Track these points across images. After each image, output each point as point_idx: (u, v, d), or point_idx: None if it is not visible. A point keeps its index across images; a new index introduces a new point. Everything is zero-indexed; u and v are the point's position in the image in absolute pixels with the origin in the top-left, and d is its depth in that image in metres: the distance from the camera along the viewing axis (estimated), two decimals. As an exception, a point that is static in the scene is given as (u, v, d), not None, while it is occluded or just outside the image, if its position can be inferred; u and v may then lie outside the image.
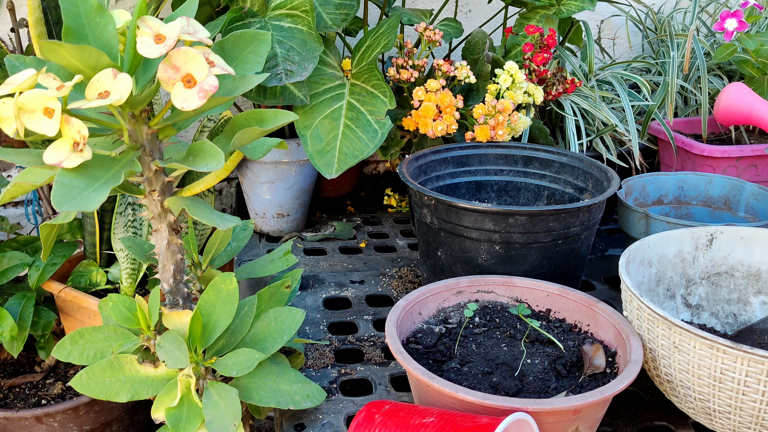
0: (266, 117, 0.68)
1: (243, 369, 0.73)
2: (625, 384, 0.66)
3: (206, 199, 1.19)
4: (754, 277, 0.89)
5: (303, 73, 1.08)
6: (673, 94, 1.37)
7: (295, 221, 1.32)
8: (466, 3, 1.62)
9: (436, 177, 1.10)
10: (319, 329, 0.99)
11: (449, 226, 0.92)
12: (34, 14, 0.92)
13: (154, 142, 0.67)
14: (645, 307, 0.72)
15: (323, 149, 1.12)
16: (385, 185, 1.56)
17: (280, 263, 0.94)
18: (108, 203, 1.09)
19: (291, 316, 0.79)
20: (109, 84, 0.57)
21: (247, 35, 0.69)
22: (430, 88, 1.14)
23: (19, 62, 0.65)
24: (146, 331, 0.78)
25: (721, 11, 1.44)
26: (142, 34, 0.57)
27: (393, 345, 0.71)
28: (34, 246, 1.16)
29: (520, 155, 1.13)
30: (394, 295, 1.10)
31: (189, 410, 0.73)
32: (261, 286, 0.89)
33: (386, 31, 1.17)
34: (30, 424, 1.09)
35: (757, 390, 0.64)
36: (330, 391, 0.84)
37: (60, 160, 0.57)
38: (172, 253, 0.75)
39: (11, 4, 1.22)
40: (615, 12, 1.73)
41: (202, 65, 0.58)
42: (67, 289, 1.10)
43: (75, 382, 0.75)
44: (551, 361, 0.77)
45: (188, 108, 0.57)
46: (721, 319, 0.90)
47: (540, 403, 0.63)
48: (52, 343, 1.15)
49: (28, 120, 0.56)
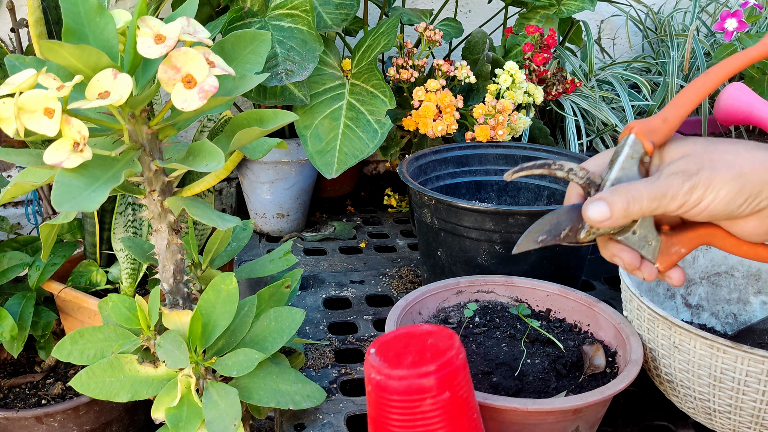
0: (266, 117, 0.68)
1: (243, 369, 0.73)
2: (625, 384, 0.66)
3: (206, 199, 1.19)
4: (754, 277, 0.89)
5: (303, 73, 1.08)
6: (673, 95, 1.37)
7: (295, 221, 1.32)
8: (466, 3, 1.62)
9: (436, 177, 1.10)
10: (319, 329, 0.99)
11: (449, 226, 0.92)
12: (34, 14, 0.92)
13: (154, 142, 0.67)
14: (645, 306, 0.72)
15: (323, 149, 1.12)
16: (385, 185, 1.56)
17: (280, 263, 0.94)
18: (108, 203, 1.09)
19: (291, 316, 0.79)
20: (109, 84, 0.57)
21: (248, 35, 0.69)
22: (430, 88, 1.14)
23: (19, 62, 0.65)
24: (146, 331, 0.78)
25: (721, 11, 1.44)
26: (142, 34, 0.57)
27: (393, 345, 0.71)
28: (34, 246, 1.16)
29: (520, 155, 1.12)
30: (394, 295, 1.10)
31: (189, 410, 0.73)
32: (261, 286, 0.89)
33: (386, 31, 1.17)
34: (30, 424, 1.09)
35: (757, 390, 0.64)
36: (330, 391, 0.84)
37: (60, 160, 0.57)
38: (172, 253, 0.75)
39: (11, 4, 1.22)
40: (615, 12, 1.73)
41: (202, 65, 0.58)
42: (67, 289, 1.10)
43: (75, 382, 0.75)
44: (551, 361, 0.77)
45: (188, 108, 0.57)
46: (721, 319, 0.90)
47: (540, 403, 0.63)
48: (52, 343, 1.15)
49: (29, 120, 0.56)
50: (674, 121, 0.51)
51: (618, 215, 0.50)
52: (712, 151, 0.49)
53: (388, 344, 0.58)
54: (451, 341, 0.57)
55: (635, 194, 0.49)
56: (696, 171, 0.49)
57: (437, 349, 0.56)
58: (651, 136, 0.51)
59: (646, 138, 0.52)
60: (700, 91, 0.51)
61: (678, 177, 0.49)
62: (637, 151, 0.52)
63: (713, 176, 0.48)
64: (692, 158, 0.49)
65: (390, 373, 0.55)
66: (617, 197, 0.50)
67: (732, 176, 0.48)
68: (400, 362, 0.56)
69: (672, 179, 0.49)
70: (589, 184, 0.54)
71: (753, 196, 0.48)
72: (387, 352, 0.57)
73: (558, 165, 0.54)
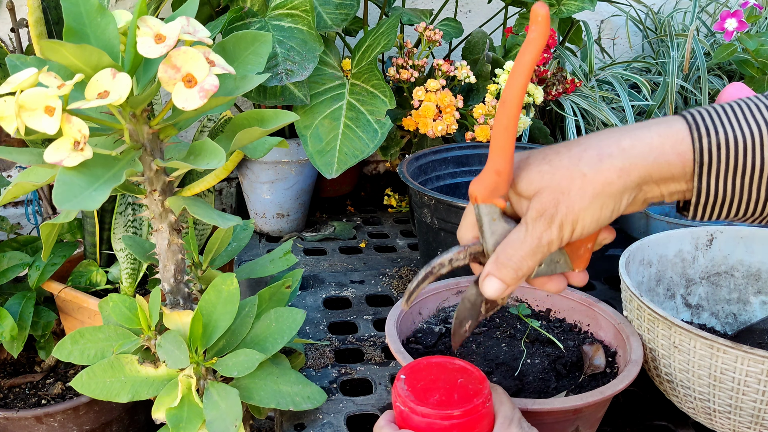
0: (267, 117, 0.68)
1: (244, 369, 0.73)
2: (625, 384, 0.66)
3: (206, 199, 1.19)
4: (754, 277, 0.89)
5: (303, 73, 1.08)
6: (673, 94, 1.37)
7: (295, 221, 1.32)
8: (466, 3, 1.62)
9: (436, 177, 1.10)
10: (320, 329, 0.99)
11: (449, 226, 0.92)
12: (34, 14, 0.92)
13: (154, 142, 0.67)
14: (645, 306, 0.72)
15: (323, 149, 1.12)
16: (385, 185, 1.56)
17: (280, 263, 0.94)
18: (108, 203, 1.09)
19: (292, 317, 0.79)
20: (108, 84, 0.57)
21: (249, 36, 0.69)
22: (430, 88, 1.14)
23: (20, 62, 0.65)
24: (147, 331, 0.78)
25: (721, 11, 1.45)
26: (143, 34, 0.57)
27: (393, 345, 0.71)
28: (34, 246, 1.16)
29: (520, 155, 1.12)
30: (394, 295, 1.10)
31: (189, 410, 0.73)
32: (261, 286, 0.89)
33: (386, 31, 1.17)
34: (30, 424, 1.08)
35: (757, 390, 0.64)
36: (330, 391, 0.84)
37: (61, 159, 0.57)
38: (172, 252, 0.75)
39: (11, 4, 1.22)
40: (615, 12, 1.73)
41: (202, 65, 0.58)
42: (67, 289, 1.10)
43: (75, 382, 0.75)
44: (551, 360, 0.77)
45: (189, 108, 0.57)
46: (721, 319, 0.90)
47: (540, 403, 0.63)
48: (52, 343, 1.15)
49: (29, 118, 0.56)
50: (507, 169, 0.50)
51: (513, 282, 0.52)
52: (560, 179, 0.49)
53: (418, 373, 0.59)
54: (481, 386, 0.58)
55: (517, 260, 0.51)
56: (554, 208, 0.49)
57: (465, 392, 0.57)
58: (495, 194, 0.51)
59: (492, 199, 0.52)
60: (510, 124, 0.50)
61: (542, 222, 0.50)
62: (493, 211, 0.52)
63: (572, 206, 0.49)
64: (545, 195, 0.49)
65: (415, 408, 0.56)
66: (504, 270, 0.52)
67: (589, 201, 0.49)
68: (427, 398, 0.57)
69: (538, 226, 0.50)
70: (475, 257, 0.55)
71: (616, 206, 0.49)
72: (415, 382, 0.58)
73: (438, 265, 0.55)
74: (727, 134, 0.47)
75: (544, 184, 0.49)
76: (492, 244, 0.53)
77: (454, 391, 0.57)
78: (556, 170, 0.49)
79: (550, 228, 0.50)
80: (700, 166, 0.47)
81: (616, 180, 0.48)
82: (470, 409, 0.56)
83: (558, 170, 0.49)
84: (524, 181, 0.50)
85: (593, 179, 0.48)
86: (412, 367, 0.60)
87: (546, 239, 0.50)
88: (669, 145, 0.48)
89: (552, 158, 0.50)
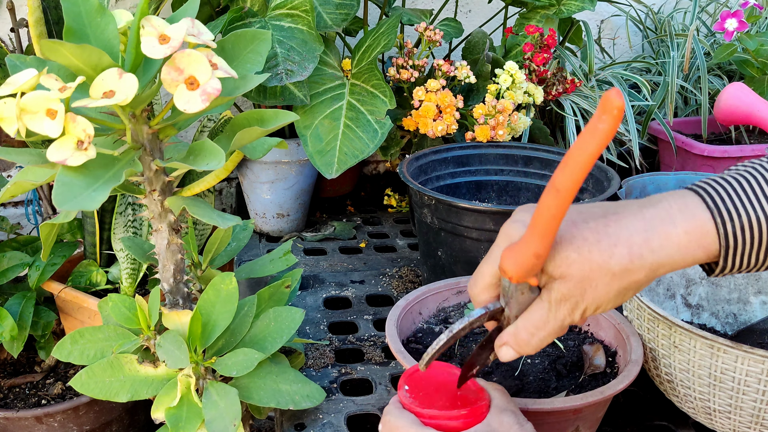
0: (267, 117, 0.68)
1: (243, 369, 0.73)
2: (625, 384, 0.66)
3: (206, 199, 1.19)
4: (754, 277, 0.89)
5: (303, 72, 1.08)
6: (673, 94, 1.37)
7: (295, 221, 1.32)
8: (466, 3, 1.62)
9: (437, 177, 1.10)
10: (320, 329, 0.99)
11: (449, 226, 0.92)
12: (34, 14, 0.92)
13: (154, 142, 0.67)
14: (645, 306, 0.72)
15: (323, 149, 1.12)
16: (385, 185, 1.56)
17: (280, 263, 0.94)
18: (108, 203, 1.09)
19: (291, 316, 0.79)
20: (114, 84, 0.57)
21: (248, 34, 0.69)
22: (430, 88, 1.14)
23: (20, 62, 0.65)
24: (146, 331, 0.78)
25: (721, 11, 1.45)
26: (147, 33, 0.57)
27: (393, 345, 0.71)
28: (34, 246, 1.16)
29: (521, 155, 1.13)
30: (394, 295, 1.10)
31: (189, 410, 0.73)
32: (261, 285, 0.89)
33: (386, 31, 1.17)
34: (30, 424, 1.09)
35: (757, 390, 0.64)
36: (330, 391, 0.84)
37: (64, 158, 0.56)
38: (172, 252, 0.75)
39: (11, 4, 1.22)
40: (615, 12, 1.73)
41: (205, 68, 0.58)
42: (67, 289, 1.10)
43: (75, 382, 0.75)
44: (551, 360, 0.77)
45: (191, 110, 0.57)
46: (721, 319, 0.91)
47: (540, 403, 0.63)
48: (52, 343, 1.15)
49: (31, 121, 0.56)
50: (546, 254, 0.50)
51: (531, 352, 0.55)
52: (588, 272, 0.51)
53: (419, 382, 0.61)
54: (481, 394, 0.60)
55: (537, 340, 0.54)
56: (580, 296, 0.51)
57: (466, 397, 0.60)
58: (530, 273, 0.51)
59: (526, 278, 0.52)
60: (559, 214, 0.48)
61: (566, 307, 0.52)
62: (524, 287, 0.53)
63: (598, 297, 0.51)
64: (572, 283, 0.51)
65: (422, 412, 0.57)
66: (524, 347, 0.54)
67: (614, 294, 0.51)
68: (432, 403, 0.58)
69: (562, 310, 0.52)
70: (493, 317, 0.56)
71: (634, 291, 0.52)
72: (418, 390, 0.60)
73: (460, 329, 0.56)
74: (750, 216, 0.49)
75: (572, 272, 0.51)
76: (516, 312, 0.55)
77: (457, 399, 0.59)
78: (585, 262, 0.51)
79: (573, 313, 0.52)
80: (726, 249, 0.50)
81: (643, 279, 0.51)
82: (474, 409, 0.57)
83: (587, 263, 0.51)
84: (551, 264, 0.52)
85: (622, 278, 0.51)
86: (412, 375, 0.61)
87: (567, 322, 0.53)
88: (695, 242, 0.50)
89: (581, 247, 0.51)
